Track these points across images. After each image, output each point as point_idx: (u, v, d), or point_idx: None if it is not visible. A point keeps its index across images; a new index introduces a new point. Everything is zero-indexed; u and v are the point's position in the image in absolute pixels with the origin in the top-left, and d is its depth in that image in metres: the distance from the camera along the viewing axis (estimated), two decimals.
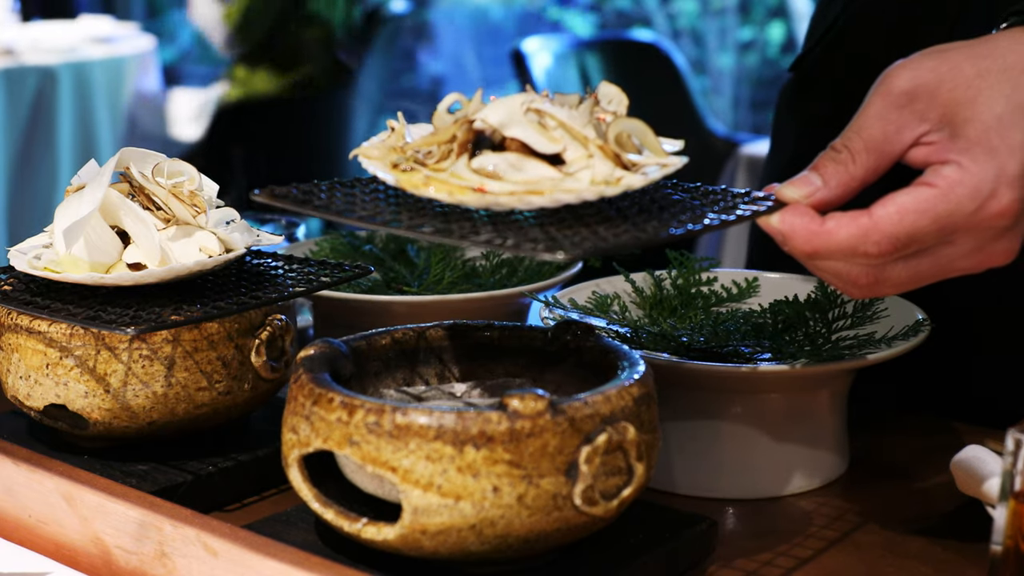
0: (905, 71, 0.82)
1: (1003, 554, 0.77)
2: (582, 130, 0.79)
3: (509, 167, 0.77)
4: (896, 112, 0.81)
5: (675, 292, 1.15)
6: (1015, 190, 0.79)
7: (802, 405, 1.01)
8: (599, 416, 0.79)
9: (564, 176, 0.77)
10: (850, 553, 0.92)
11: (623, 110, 0.84)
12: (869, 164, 0.82)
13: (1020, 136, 0.79)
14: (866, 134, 0.82)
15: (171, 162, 1.02)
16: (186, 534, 0.83)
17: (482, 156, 0.78)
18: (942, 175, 0.79)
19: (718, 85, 5.43)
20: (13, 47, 4.05)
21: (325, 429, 0.80)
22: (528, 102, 0.80)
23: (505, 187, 0.75)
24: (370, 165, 0.81)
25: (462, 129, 0.79)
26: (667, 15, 5.50)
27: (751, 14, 5.40)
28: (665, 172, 0.80)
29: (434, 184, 0.76)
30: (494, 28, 5.97)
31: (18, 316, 0.98)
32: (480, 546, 0.78)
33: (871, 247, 0.79)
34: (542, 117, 0.80)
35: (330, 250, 1.31)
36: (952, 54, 0.82)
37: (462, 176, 0.76)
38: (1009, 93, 0.80)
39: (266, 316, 1.01)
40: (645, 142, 0.81)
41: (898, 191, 0.80)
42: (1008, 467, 0.76)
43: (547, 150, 0.78)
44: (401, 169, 0.80)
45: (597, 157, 0.79)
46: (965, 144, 0.79)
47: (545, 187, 0.75)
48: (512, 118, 0.79)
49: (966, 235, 0.80)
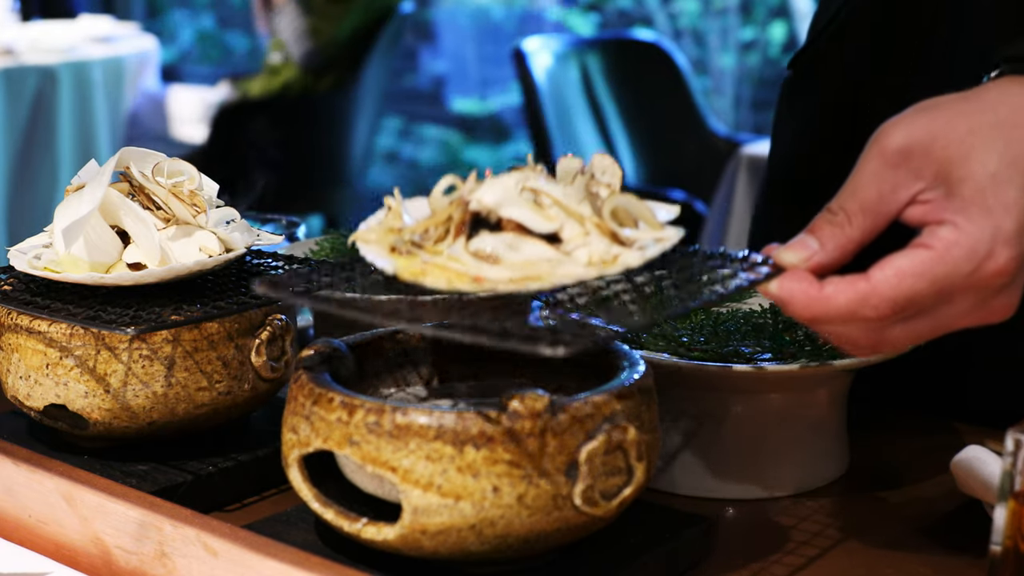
0: (898, 130, 0.82)
1: (1003, 554, 0.77)
2: (577, 207, 0.80)
3: (507, 248, 0.78)
4: (891, 172, 0.81)
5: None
6: (1012, 248, 0.79)
7: (802, 405, 1.01)
8: (599, 416, 0.79)
9: (562, 256, 0.77)
10: (850, 554, 0.92)
11: (617, 182, 0.84)
12: (866, 225, 0.82)
13: (1015, 193, 0.79)
14: (861, 195, 0.82)
15: (171, 161, 1.02)
16: (186, 534, 0.83)
17: (479, 238, 0.78)
18: (938, 236, 0.79)
19: (719, 85, 5.43)
20: (13, 47, 4.05)
21: (325, 429, 0.80)
22: (523, 181, 0.80)
23: (503, 273, 0.75)
24: (368, 251, 0.81)
25: (458, 210, 0.80)
26: (668, 15, 5.50)
27: (753, 14, 5.40)
28: (663, 247, 0.80)
29: (432, 272, 0.77)
30: (495, 28, 5.97)
31: (18, 316, 0.98)
32: (480, 546, 0.78)
33: (870, 311, 0.80)
34: (537, 195, 0.80)
35: (330, 250, 1.31)
36: (944, 110, 0.82)
37: (460, 260, 0.77)
38: (1002, 149, 0.80)
39: (266, 316, 1.01)
40: (640, 216, 0.82)
41: (895, 254, 0.80)
42: (1008, 467, 0.76)
43: (544, 229, 0.79)
44: (399, 252, 0.80)
45: (594, 235, 0.79)
46: (960, 204, 0.79)
47: (543, 271, 0.76)
48: (507, 198, 0.79)
49: (964, 295, 0.80)
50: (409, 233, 0.81)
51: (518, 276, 0.75)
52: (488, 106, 5.97)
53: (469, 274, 0.75)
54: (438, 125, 6.02)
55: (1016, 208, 0.79)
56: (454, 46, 6.14)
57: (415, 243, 0.80)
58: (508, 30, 5.85)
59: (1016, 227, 0.79)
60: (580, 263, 0.77)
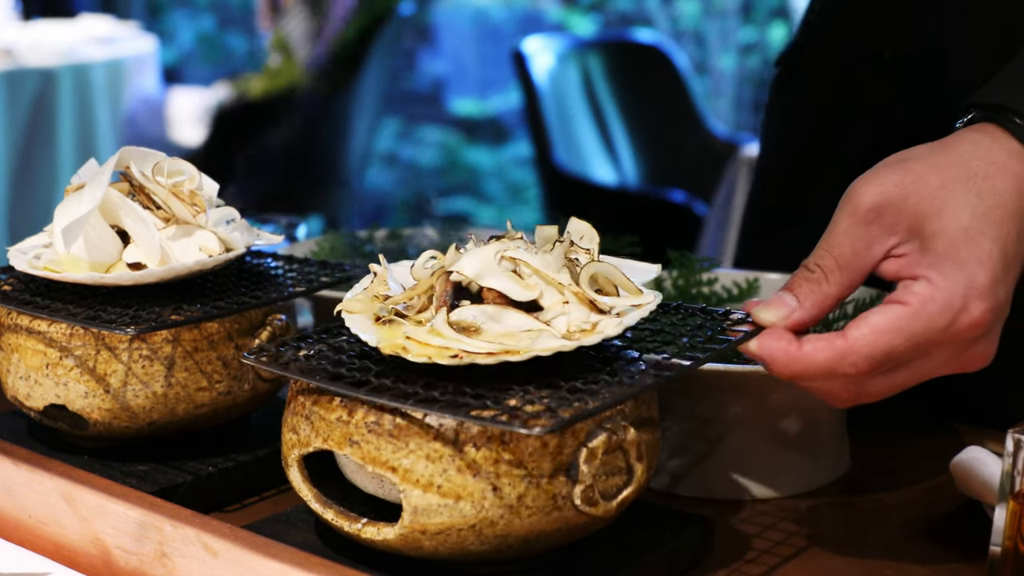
0: (870, 187, 0.83)
1: (1002, 555, 0.77)
2: (556, 276, 0.82)
3: (488, 319, 0.79)
4: (864, 229, 0.82)
5: (676, 293, 1.15)
6: (986, 301, 0.80)
7: (802, 405, 1.01)
8: (599, 416, 0.79)
9: (542, 327, 0.79)
10: (849, 554, 0.92)
11: (595, 247, 0.86)
12: (842, 281, 0.83)
13: (988, 245, 0.80)
14: (837, 251, 0.83)
15: (171, 161, 1.02)
16: (186, 534, 0.83)
17: (461, 308, 0.80)
18: (913, 292, 0.80)
19: (719, 86, 5.43)
20: (13, 48, 4.05)
21: (325, 429, 0.80)
22: (502, 251, 0.82)
23: (482, 347, 0.77)
24: (353, 323, 0.83)
25: (439, 281, 0.82)
26: (669, 16, 5.50)
27: (752, 15, 5.40)
28: (641, 314, 0.82)
29: (413, 347, 0.78)
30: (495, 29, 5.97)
31: (18, 316, 0.97)
32: (480, 546, 0.78)
33: (848, 368, 0.81)
34: (517, 264, 0.82)
35: (330, 250, 1.31)
36: (915, 164, 0.83)
37: (442, 333, 0.78)
38: (974, 202, 0.81)
39: (266, 316, 1.01)
40: (618, 282, 0.83)
41: (871, 311, 0.81)
42: (1008, 467, 0.76)
43: (523, 298, 0.81)
44: (383, 321, 0.82)
45: (572, 303, 0.81)
46: (934, 258, 0.81)
47: (522, 344, 0.78)
48: (487, 268, 0.81)
49: (940, 348, 0.81)
50: (392, 303, 0.83)
51: (496, 350, 0.77)
52: (488, 107, 5.97)
53: (449, 350, 0.77)
54: (438, 126, 6.02)
55: (990, 261, 0.80)
56: (454, 47, 6.14)
57: (399, 312, 0.82)
58: (508, 31, 5.85)
59: (990, 280, 0.80)
60: (559, 333, 0.79)
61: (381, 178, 5.91)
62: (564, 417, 0.73)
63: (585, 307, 0.81)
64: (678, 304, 0.90)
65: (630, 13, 5.65)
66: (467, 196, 5.72)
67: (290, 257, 1.08)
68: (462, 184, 5.81)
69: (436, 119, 6.02)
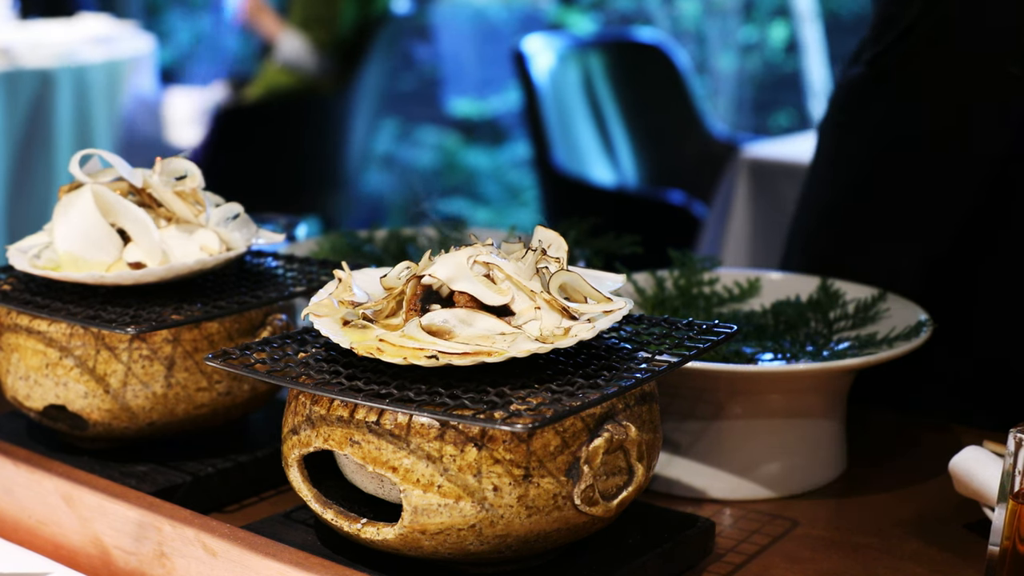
0: None
1: (1000, 555, 0.77)
2: (528, 283, 0.82)
3: (460, 323, 0.80)
4: None
5: (676, 292, 1.15)
6: None
7: (802, 405, 1.01)
8: (599, 416, 0.79)
9: (515, 331, 0.79)
10: (847, 554, 0.92)
11: (564, 255, 0.86)
12: None
13: None
14: None
15: (172, 160, 1.02)
16: (185, 534, 0.83)
17: (432, 312, 0.80)
18: None
19: (720, 86, 5.43)
20: (11, 48, 4.05)
21: (325, 429, 0.80)
22: (475, 255, 0.82)
23: (458, 348, 0.77)
24: (322, 326, 0.82)
25: (411, 284, 0.82)
26: (669, 15, 5.50)
27: (753, 15, 5.40)
28: (612, 319, 0.82)
29: (387, 349, 0.78)
30: (494, 29, 5.97)
31: (17, 316, 0.97)
32: (480, 546, 0.78)
33: None
34: (489, 269, 0.82)
35: (330, 250, 1.31)
36: None
37: (415, 337, 0.79)
38: None
39: (266, 316, 1.01)
40: (584, 292, 0.84)
41: None
42: (1008, 467, 0.76)
43: (495, 302, 0.81)
44: (352, 326, 0.82)
45: (544, 309, 0.81)
46: None
47: (498, 346, 0.78)
48: (459, 272, 0.82)
49: None
50: (363, 309, 0.83)
51: (473, 350, 0.77)
52: (487, 108, 5.97)
53: (425, 351, 0.77)
54: (436, 127, 6.02)
55: None
56: (452, 47, 6.14)
57: (367, 317, 0.82)
58: (507, 31, 5.85)
59: None
60: (532, 337, 0.79)
61: (379, 179, 5.91)
62: (547, 415, 0.73)
63: (557, 313, 0.81)
64: (664, 316, 0.91)
65: (630, 12, 5.65)
66: (464, 198, 5.72)
67: (290, 256, 1.08)
68: (459, 185, 5.81)
69: (434, 120, 6.01)
